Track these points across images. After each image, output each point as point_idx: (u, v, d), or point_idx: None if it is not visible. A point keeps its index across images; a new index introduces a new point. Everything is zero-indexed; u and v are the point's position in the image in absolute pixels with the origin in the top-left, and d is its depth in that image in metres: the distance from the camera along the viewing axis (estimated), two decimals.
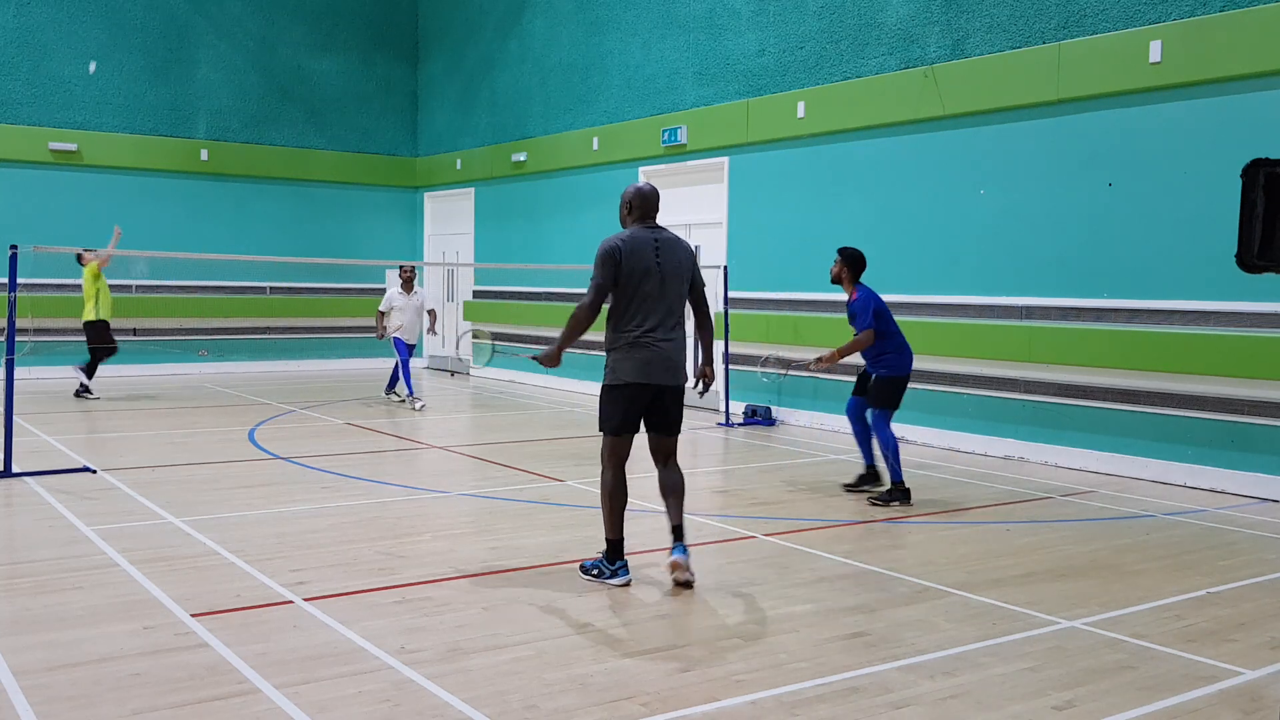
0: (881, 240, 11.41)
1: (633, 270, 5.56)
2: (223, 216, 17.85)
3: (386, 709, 3.96)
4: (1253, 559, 6.50)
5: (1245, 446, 8.56)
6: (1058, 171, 9.87)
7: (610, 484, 5.73)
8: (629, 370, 5.62)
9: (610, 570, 5.70)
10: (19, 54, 16.32)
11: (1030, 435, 10.06)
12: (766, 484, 8.75)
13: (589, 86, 15.68)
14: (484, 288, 18.21)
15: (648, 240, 5.64)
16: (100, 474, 8.54)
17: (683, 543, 5.70)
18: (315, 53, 18.83)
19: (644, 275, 5.58)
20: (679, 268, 5.70)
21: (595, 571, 5.75)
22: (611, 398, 5.71)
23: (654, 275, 5.60)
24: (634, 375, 5.62)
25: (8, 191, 16.16)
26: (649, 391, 5.67)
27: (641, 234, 5.67)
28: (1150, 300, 9.18)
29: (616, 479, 5.74)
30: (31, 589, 5.42)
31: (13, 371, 8.76)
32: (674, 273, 5.67)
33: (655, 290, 5.61)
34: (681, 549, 5.68)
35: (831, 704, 4.08)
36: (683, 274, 5.72)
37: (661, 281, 5.62)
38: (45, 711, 3.89)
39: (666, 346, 5.65)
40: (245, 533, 6.70)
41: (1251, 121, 8.51)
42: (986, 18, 10.45)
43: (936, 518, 7.56)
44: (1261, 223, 3.21)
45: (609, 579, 5.68)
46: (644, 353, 5.61)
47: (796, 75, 12.37)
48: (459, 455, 10.10)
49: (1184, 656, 4.68)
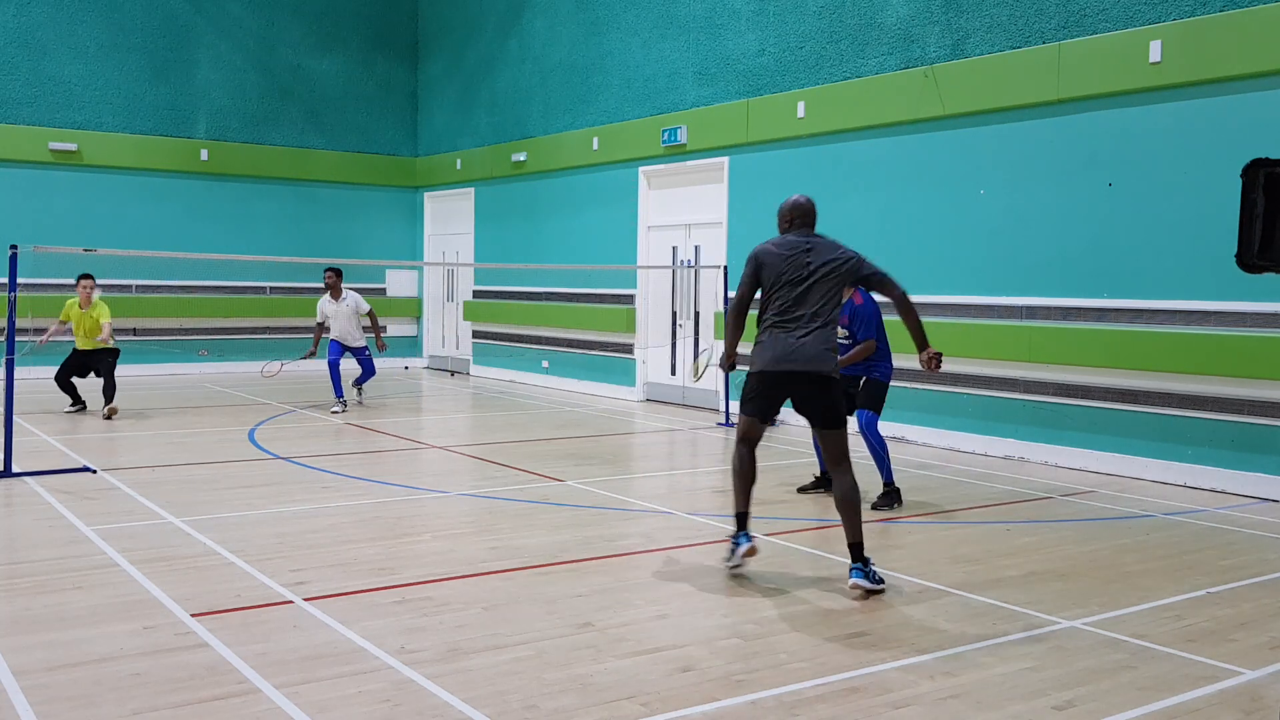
0: (881, 240, 11.41)
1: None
2: (223, 216, 17.84)
3: (386, 709, 3.96)
4: (1253, 559, 6.50)
5: (1245, 446, 8.56)
6: (1058, 171, 9.87)
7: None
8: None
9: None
10: (19, 54, 16.32)
11: (1030, 435, 10.06)
12: (766, 484, 8.74)
13: (589, 86, 15.68)
14: (484, 287, 18.22)
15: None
16: (100, 474, 8.54)
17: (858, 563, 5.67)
18: (315, 53, 18.83)
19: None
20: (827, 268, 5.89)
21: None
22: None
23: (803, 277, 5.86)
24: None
25: (8, 191, 16.16)
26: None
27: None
28: (1150, 300, 9.18)
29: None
30: (31, 589, 5.42)
31: (13, 371, 8.76)
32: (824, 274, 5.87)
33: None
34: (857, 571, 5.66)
35: (831, 704, 4.08)
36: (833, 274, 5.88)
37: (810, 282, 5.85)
38: (45, 711, 3.89)
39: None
40: (245, 533, 6.70)
41: (1251, 121, 8.51)
42: (986, 18, 10.45)
43: (937, 518, 7.56)
44: (1261, 223, 3.21)
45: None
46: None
47: (796, 75, 12.38)
48: (459, 455, 10.10)
49: (1184, 656, 4.68)
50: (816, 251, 5.89)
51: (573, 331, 15.94)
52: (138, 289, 16.88)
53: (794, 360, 5.75)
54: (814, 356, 5.77)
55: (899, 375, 11.23)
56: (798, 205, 6.11)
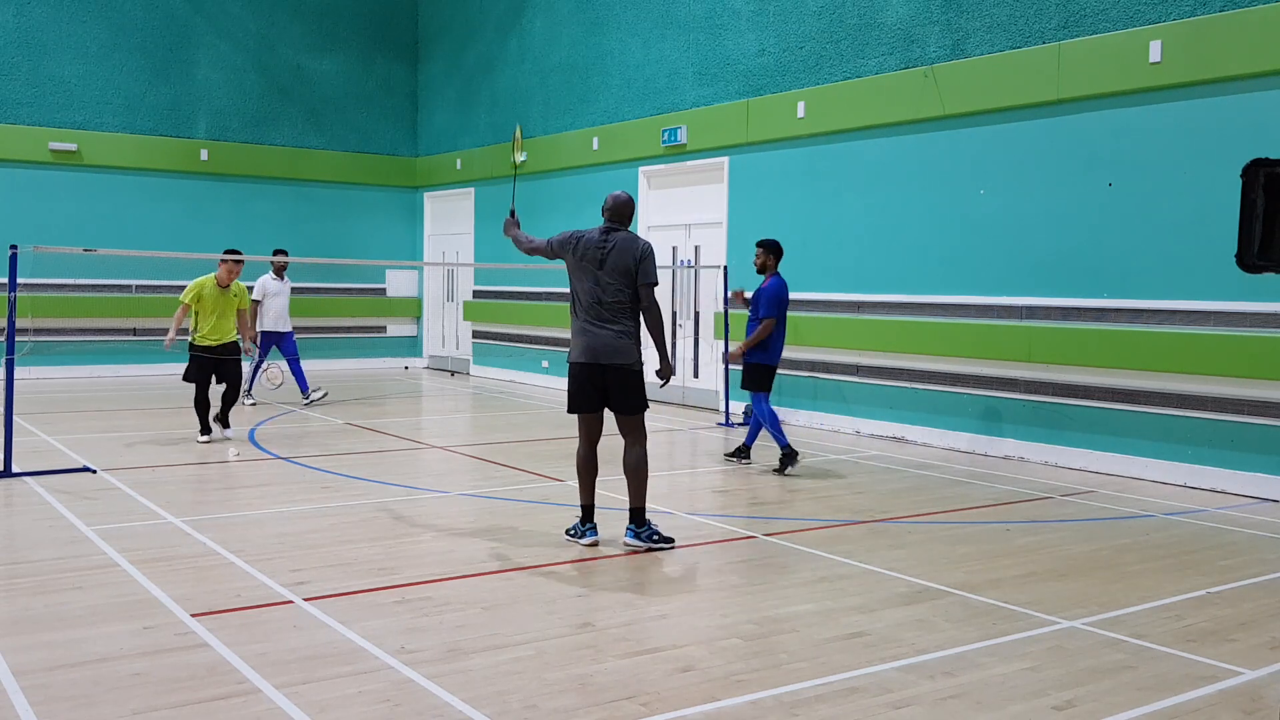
0: (881, 240, 11.43)
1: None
2: (223, 216, 17.84)
3: (386, 709, 3.96)
4: (1253, 559, 6.50)
5: (1245, 446, 8.56)
6: (1058, 171, 9.87)
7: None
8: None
9: (581, 530, 6.54)
10: (19, 54, 16.32)
11: (1030, 435, 10.06)
12: (766, 484, 8.75)
13: (589, 86, 15.68)
14: (484, 288, 18.21)
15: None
16: (100, 474, 8.54)
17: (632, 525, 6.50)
18: (315, 53, 18.83)
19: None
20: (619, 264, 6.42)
21: (572, 532, 6.59)
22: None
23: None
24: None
25: (8, 191, 16.16)
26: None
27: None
28: (1150, 300, 9.18)
29: None
30: (31, 589, 5.43)
31: (13, 371, 8.76)
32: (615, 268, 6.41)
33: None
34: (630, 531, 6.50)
35: (831, 704, 4.08)
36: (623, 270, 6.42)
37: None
38: (45, 711, 3.89)
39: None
40: (245, 533, 6.70)
41: (1251, 121, 8.51)
42: (986, 18, 10.45)
43: (936, 518, 7.56)
44: (1261, 223, 3.21)
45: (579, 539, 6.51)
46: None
47: (796, 75, 12.38)
48: (459, 455, 10.10)
49: (1184, 656, 4.68)
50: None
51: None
52: (138, 289, 16.87)
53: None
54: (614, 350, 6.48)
55: (903, 375, 11.28)
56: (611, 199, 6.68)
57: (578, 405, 6.48)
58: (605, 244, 6.39)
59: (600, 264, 6.36)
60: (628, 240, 6.41)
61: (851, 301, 11.73)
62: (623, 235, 6.44)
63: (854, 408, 11.73)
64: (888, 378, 11.36)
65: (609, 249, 6.37)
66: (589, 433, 6.52)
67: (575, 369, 6.46)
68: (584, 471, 6.52)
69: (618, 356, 6.35)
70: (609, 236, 6.43)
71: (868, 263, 11.56)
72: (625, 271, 6.34)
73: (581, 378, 6.41)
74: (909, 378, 11.13)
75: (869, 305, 11.54)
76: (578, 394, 6.45)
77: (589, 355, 6.37)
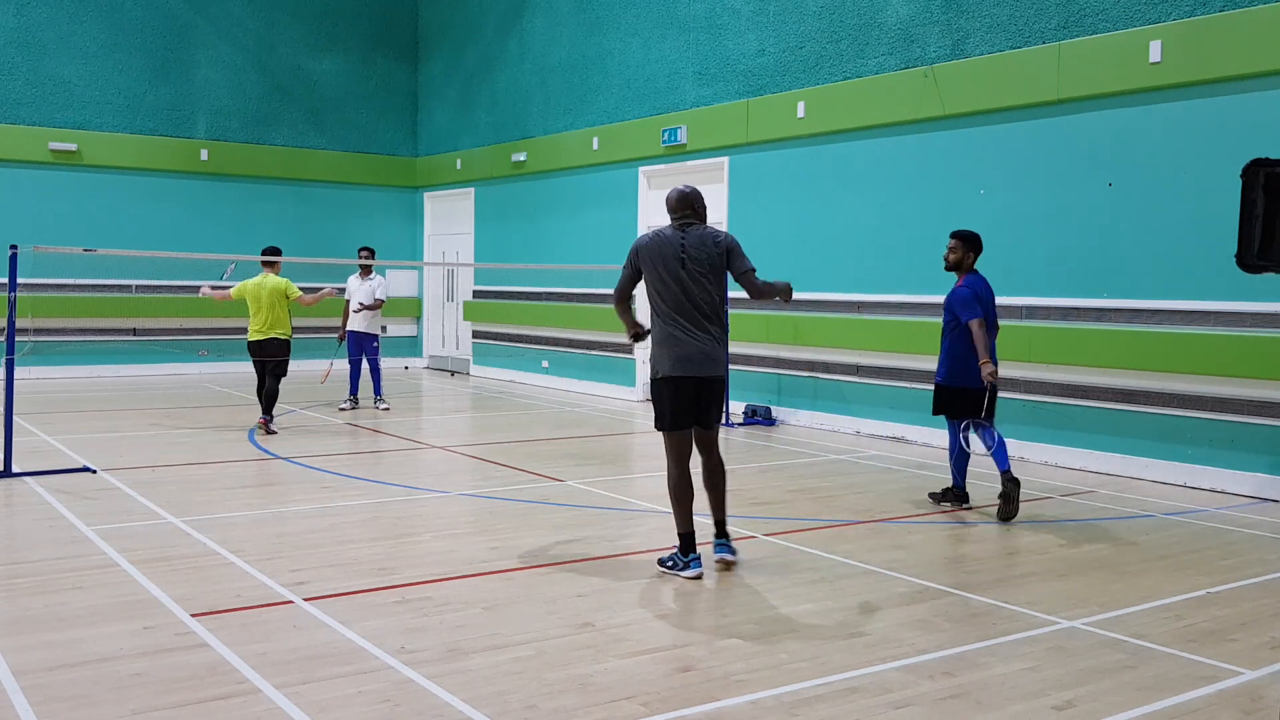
0: (881, 240, 11.42)
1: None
2: (223, 216, 17.84)
3: (386, 709, 3.96)
4: (1253, 559, 6.50)
5: (1245, 446, 8.56)
6: (1058, 171, 9.87)
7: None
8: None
9: (683, 562, 5.94)
10: (19, 54, 16.32)
11: (1030, 435, 10.05)
12: (766, 484, 8.75)
13: (589, 86, 15.68)
14: (484, 288, 18.21)
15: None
16: (100, 474, 8.54)
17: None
18: (315, 53, 18.83)
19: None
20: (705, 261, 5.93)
21: (670, 564, 5.97)
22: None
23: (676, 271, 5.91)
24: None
25: (8, 191, 16.16)
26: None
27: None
28: (1150, 300, 9.17)
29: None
30: (31, 589, 5.43)
31: (13, 371, 8.77)
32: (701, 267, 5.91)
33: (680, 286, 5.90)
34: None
35: (831, 704, 4.08)
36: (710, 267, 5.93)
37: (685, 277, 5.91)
38: (45, 711, 3.89)
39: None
40: (245, 533, 6.70)
41: (1251, 121, 8.51)
42: (986, 18, 10.45)
43: (936, 518, 7.56)
44: (1261, 223, 3.21)
45: (681, 570, 5.92)
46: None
47: (796, 75, 12.37)
48: (459, 455, 10.10)
49: (1184, 656, 4.68)
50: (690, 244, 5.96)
51: (573, 331, 15.93)
52: (138, 289, 16.87)
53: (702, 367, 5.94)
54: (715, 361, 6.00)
55: (903, 375, 11.28)
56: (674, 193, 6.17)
57: (677, 422, 5.88)
58: (684, 241, 5.89)
59: (682, 264, 5.85)
60: (706, 233, 5.94)
61: (851, 301, 11.73)
62: (699, 229, 5.96)
63: (854, 408, 11.72)
64: (888, 378, 11.35)
65: (688, 245, 5.87)
66: (684, 451, 5.97)
67: (673, 383, 5.85)
68: (683, 496, 5.95)
69: (719, 368, 5.93)
70: (686, 233, 5.93)
71: (868, 263, 11.56)
72: (711, 267, 5.88)
73: (683, 391, 5.85)
74: (909, 378, 11.13)
75: (869, 305, 11.54)
76: (677, 410, 5.87)
77: (688, 367, 5.83)
